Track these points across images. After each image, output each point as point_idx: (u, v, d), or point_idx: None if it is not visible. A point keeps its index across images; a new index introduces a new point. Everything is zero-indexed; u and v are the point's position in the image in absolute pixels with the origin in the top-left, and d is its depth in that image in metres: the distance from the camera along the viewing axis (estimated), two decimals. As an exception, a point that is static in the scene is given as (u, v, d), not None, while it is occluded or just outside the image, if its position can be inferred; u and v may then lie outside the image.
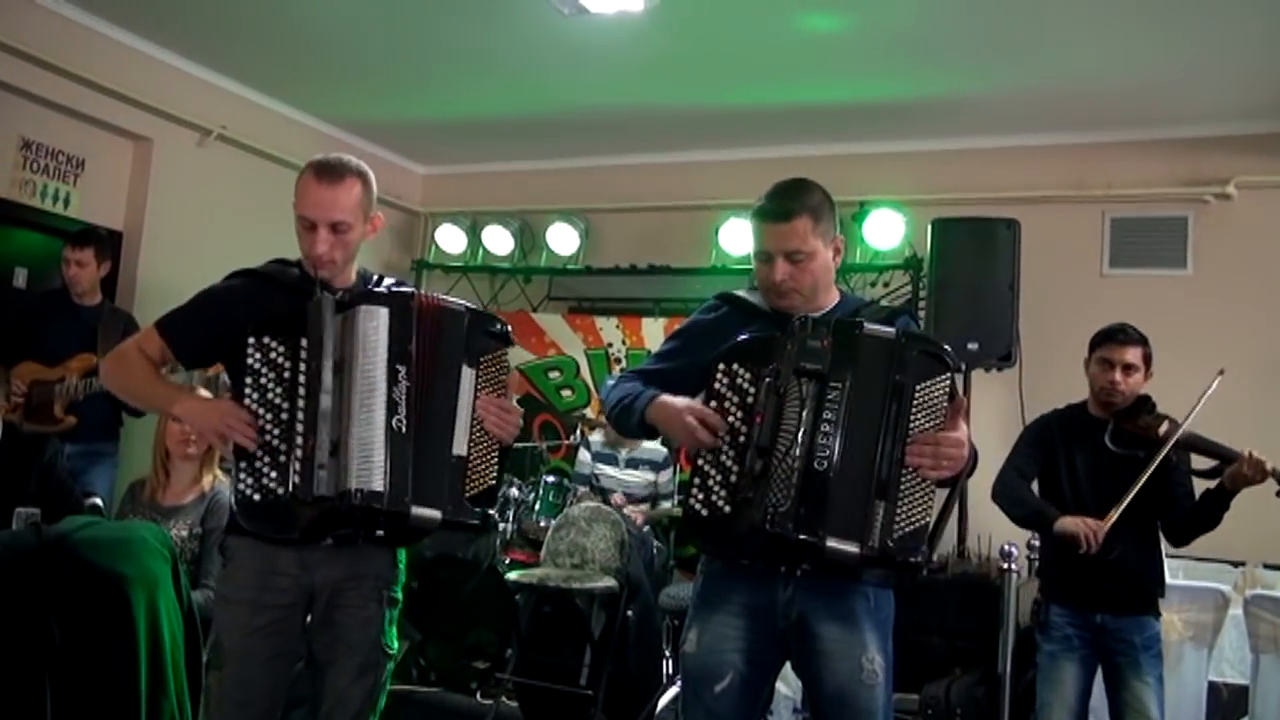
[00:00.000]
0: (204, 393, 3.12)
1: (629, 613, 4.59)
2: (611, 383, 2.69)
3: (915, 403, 2.25)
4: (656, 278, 6.72)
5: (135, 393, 2.65)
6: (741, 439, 2.29)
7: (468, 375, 2.52)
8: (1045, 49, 4.96)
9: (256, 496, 2.38)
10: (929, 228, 5.41)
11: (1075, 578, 3.47)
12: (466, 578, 5.09)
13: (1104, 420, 3.56)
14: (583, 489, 5.60)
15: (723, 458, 2.31)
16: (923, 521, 2.24)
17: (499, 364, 2.60)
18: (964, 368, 2.32)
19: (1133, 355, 3.52)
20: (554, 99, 6.12)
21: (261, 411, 2.40)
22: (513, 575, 4.60)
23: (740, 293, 2.62)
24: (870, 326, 2.31)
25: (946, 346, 2.33)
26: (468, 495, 2.48)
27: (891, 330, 2.30)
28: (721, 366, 2.35)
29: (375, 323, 2.42)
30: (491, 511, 2.58)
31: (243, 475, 2.40)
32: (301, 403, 2.40)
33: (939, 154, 6.21)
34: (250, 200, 6.22)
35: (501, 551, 5.32)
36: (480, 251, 7.28)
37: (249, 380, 2.41)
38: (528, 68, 5.69)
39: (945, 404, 2.27)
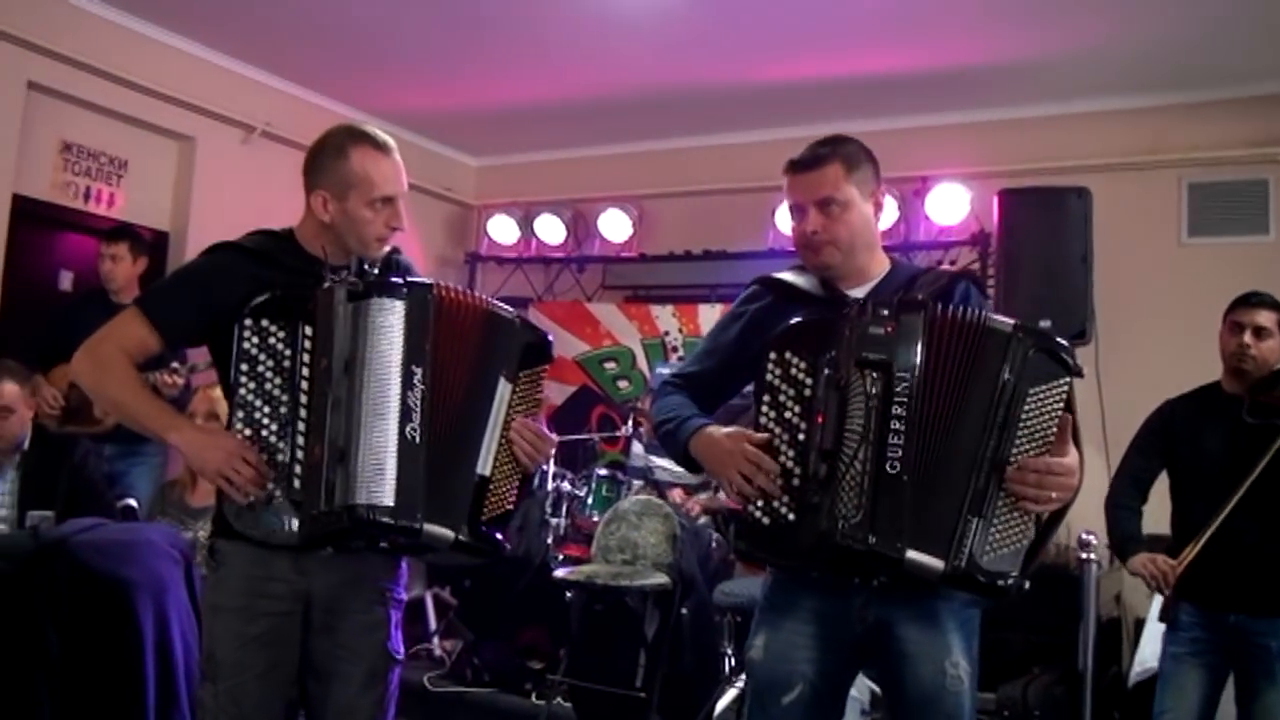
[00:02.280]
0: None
1: (683, 610, 4.38)
2: (656, 389, 2.53)
3: (1027, 409, 2.00)
4: (712, 263, 6.51)
5: (117, 405, 2.35)
6: (802, 437, 2.08)
7: (503, 389, 2.32)
8: (1112, 7, 4.65)
9: (251, 498, 2.19)
10: (995, 200, 5.12)
11: (1206, 570, 3.14)
12: (518, 576, 4.94)
13: (1239, 396, 3.28)
14: (638, 482, 5.42)
15: (782, 459, 2.09)
16: (1020, 544, 2.02)
17: (536, 382, 2.40)
18: (1084, 372, 2.09)
19: (1265, 318, 3.26)
20: (601, 81, 5.95)
21: (258, 403, 2.20)
22: (560, 573, 4.40)
23: (782, 275, 2.39)
24: (992, 317, 2.05)
25: (1067, 344, 2.06)
26: (483, 519, 2.29)
27: (1009, 321, 2.04)
28: (773, 356, 2.12)
29: (390, 317, 2.20)
30: (500, 538, 2.34)
31: None
32: (304, 399, 2.20)
33: (1004, 123, 5.89)
34: (297, 197, 6.16)
35: (555, 547, 5.15)
36: (533, 242, 7.13)
37: (244, 367, 2.20)
38: (572, 49, 5.54)
39: (1059, 413, 2.02)
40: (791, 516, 2.06)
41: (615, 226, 6.78)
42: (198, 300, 2.32)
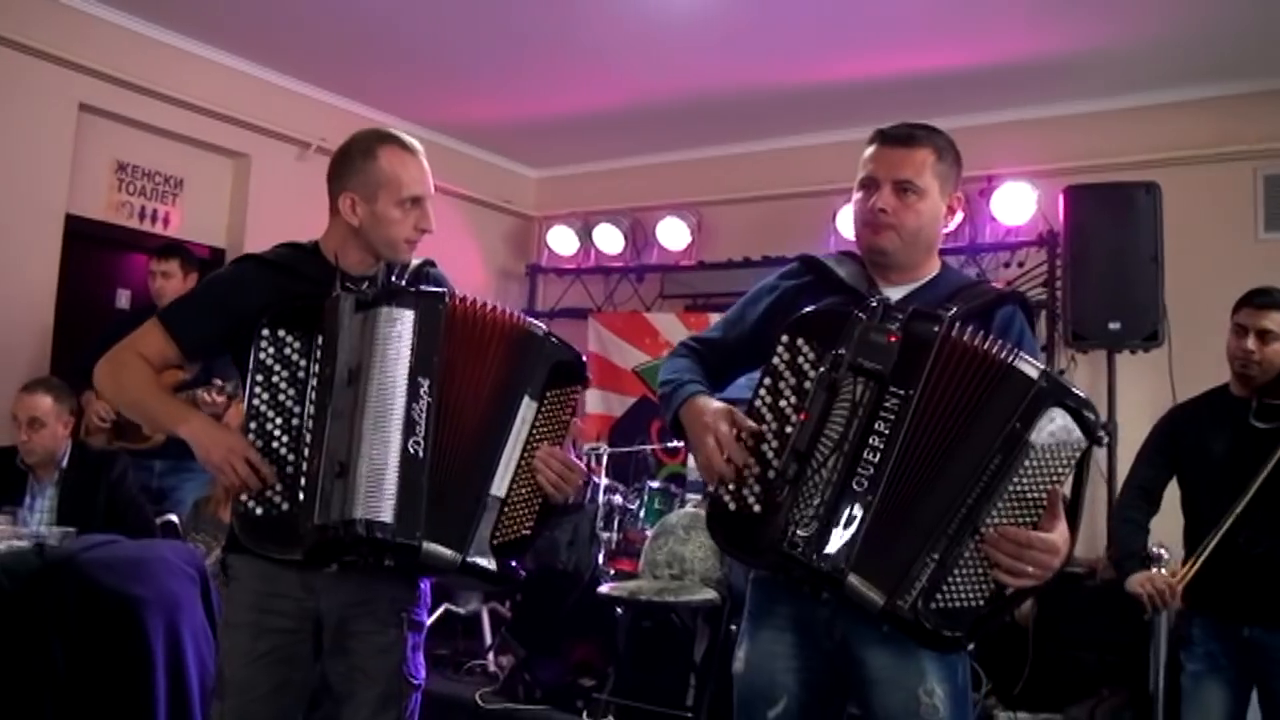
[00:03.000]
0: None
1: (733, 627, 4.24)
2: (670, 355, 2.37)
3: (1026, 467, 1.85)
4: (772, 269, 6.31)
5: (134, 404, 2.35)
6: (789, 429, 1.95)
7: (527, 408, 2.24)
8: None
9: (259, 510, 2.13)
10: (1060, 197, 4.92)
11: (1215, 582, 2.97)
12: (568, 591, 4.85)
13: (1248, 400, 3.10)
14: (693, 495, 5.29)
15: (765, 447, 1.96)
16: (974, 603, 1.88)
17: (565, 404, 2.30)
18: (1105, 439, 1.96)
19: (1272, 321, 3.05)
20: (657, 87, 5.86)
21: (270, 414, 2.16)
22: (605, 588, 4.29)
23: (826, 258, 2.25)
24: (1021, 355, 1.89)
25: (1093, 405, 1.89)
26: (496, 542, 2.20)
27: (1037, 365, 1.88)
28: (785, 339, 1.99)
29: (397, 327, 2.15)
30: (515, 564, 2.25)
31: None
32: (311, 410, 2.15)
33: (1070, 118, 5.66)
34: None
35: (607, 562, 5.05)
36: (592, 252, 7.07)
37: (259, 378, 2.16)
38: (627, 56, 5.47)
39: (1062, 478, 1.86)
40: (757, 509, 1.94)
41: (673, 235, 6.68)
42: (216, 310, 2.31)
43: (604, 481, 5.16)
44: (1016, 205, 5.52)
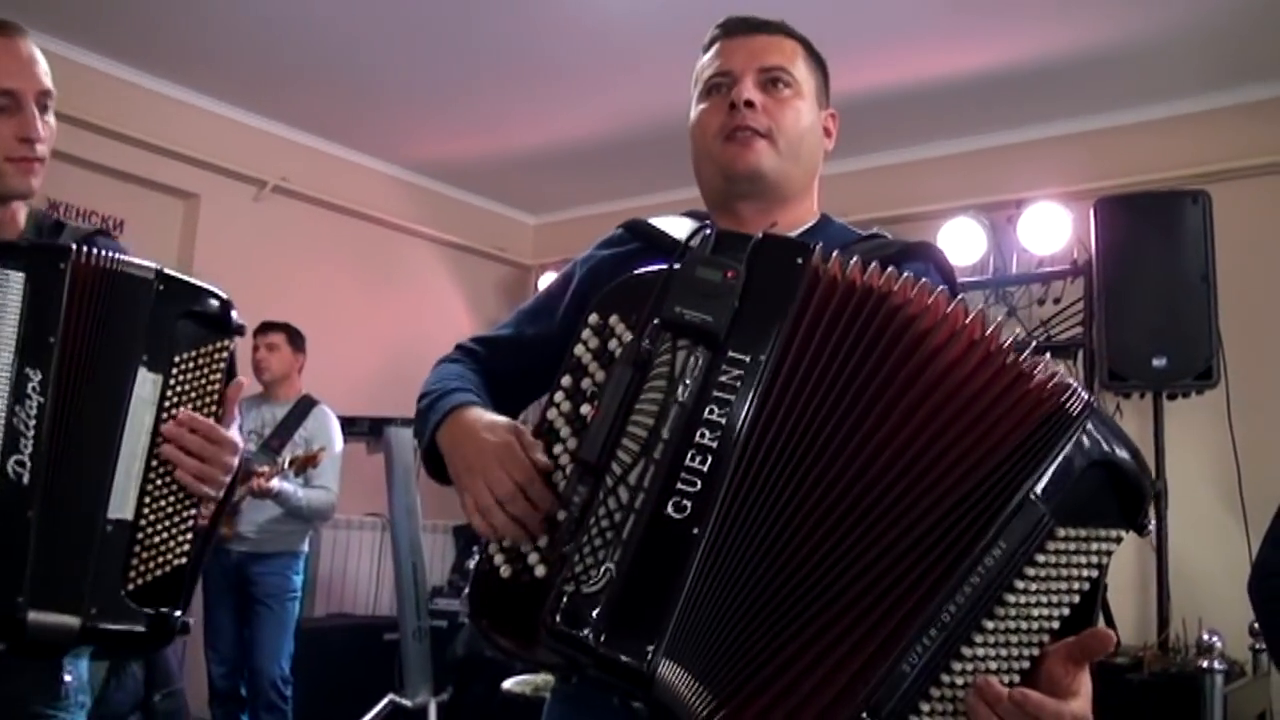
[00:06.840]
0: None
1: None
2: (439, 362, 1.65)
3: (1040, 564, 1.08)
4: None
5: None
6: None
7: (145, 384, 1.56)
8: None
9: None
10: (1090, 213, 4.17)
11: None
12: (499, 680, 4.14)
13: None
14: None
15: (559, 476, 1.24)
16: None
17: (210, 366, 1.61)
18: (1151, 528, 1.07)
19: None
20: (649, 112, 5.27)
21: None
22: (508, 684, 3.50)
23: (660, 220, 1.57)
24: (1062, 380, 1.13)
25: (1147, 466, 1.14)
26: (133, 586, 1.53)
27: (1074, 387, 1.13)
28: (594, 318, 1.27)
29: (1, 299, 1.51)
30: (177, 613, 1.55)
31: None
32: None
33: (1106, 132, 4.94)
34: (315, 255, 5.78)
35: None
36: (587, 302, 6.47)
37: None
38: (612, 77, 4.94)
39: (1083, 586, 1.09)
40: (540, 570, 1.20)
41: (674, 278, 6.05)
42: None
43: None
44: (1048, 230, 4.78)
